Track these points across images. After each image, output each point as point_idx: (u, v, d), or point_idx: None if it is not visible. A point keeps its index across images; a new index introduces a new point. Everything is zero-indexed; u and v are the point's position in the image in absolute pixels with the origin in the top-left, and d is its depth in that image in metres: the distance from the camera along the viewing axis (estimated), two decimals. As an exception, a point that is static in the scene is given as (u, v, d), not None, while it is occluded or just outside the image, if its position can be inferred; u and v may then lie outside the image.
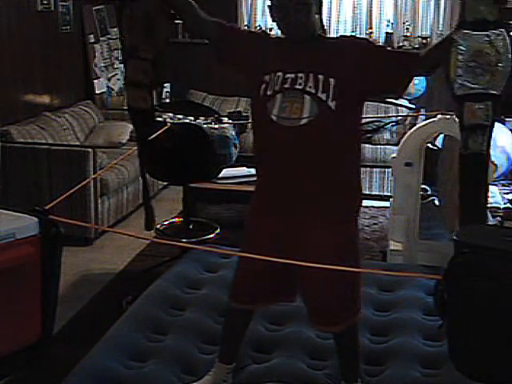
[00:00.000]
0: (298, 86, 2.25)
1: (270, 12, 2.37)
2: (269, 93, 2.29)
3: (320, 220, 2.33)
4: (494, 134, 2.24)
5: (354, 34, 6.52)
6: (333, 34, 6.79)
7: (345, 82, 2.24)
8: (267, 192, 2.41)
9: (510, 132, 5.72)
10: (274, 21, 2.36)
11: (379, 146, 6.48)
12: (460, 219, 2.20)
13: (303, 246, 2.31)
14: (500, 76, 2.05)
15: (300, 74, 2.26)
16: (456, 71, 2.08)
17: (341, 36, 2.64)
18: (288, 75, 2.27)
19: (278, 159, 2.32)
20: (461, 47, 2.06)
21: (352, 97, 2.29)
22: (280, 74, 2.28)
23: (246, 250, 2.44)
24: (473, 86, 2.06)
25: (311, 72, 2.25)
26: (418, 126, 4.16)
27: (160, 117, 4.32)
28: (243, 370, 2.63)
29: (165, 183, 5.76)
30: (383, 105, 6.69)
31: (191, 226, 4.34)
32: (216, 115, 4.31)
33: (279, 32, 2.40)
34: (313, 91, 2.23)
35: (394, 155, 4.04)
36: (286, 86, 2.26)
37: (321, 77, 2.24)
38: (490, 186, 4.20)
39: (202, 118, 4.23)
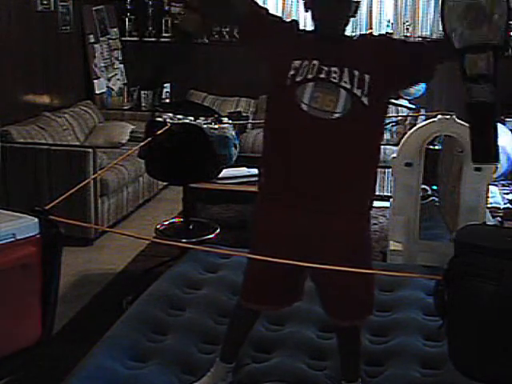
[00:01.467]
0: (333, 79, 2.22)
1: (304, 2, 2.35)
2: (298, 79, 2.24)
3: (340, 211, 2.30)
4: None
5: (354, 34, 6.52)
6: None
7: (378, 79, 2.24)
8: (283, 180, 2.31)
9: (510, 132, 5.72)
10: (307, 11, 2.33)
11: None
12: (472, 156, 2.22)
13: (323, 237, 2.30)
14: (497, 25, 2.03)
15: (334, 68, 2.23)
16: (452, 25, 2.07)
17: (360, 34, 2.64)
18: (323, 67, 2.23)
19: (302, 148, 2.25)
20: (454, 2, 2.05)
21: (384, 93, 2.31)
22: (316, 62, 2.24)
23: (258, 247, 2.40)
24: (471, 38, 2.05)
25: (346, 67, 2.23)
26: (418, 126, 4.16)
27: (160, 117, 4.32)
28: (243, 369, 2.63)
29: (165, 183, 5.76)
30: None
31: (191, 226, 4.34)
32: (216, 115, 4.30)
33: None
34: (348, 86, 2.21)
35: (394, 155, 4.04)
36: (322, 76, 2.22)
37: (356, 72, 2.22)
38: (490, 186, 4.21)
39: (202, 118, 4.23)
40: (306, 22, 6.90)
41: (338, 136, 2.23)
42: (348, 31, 2.43)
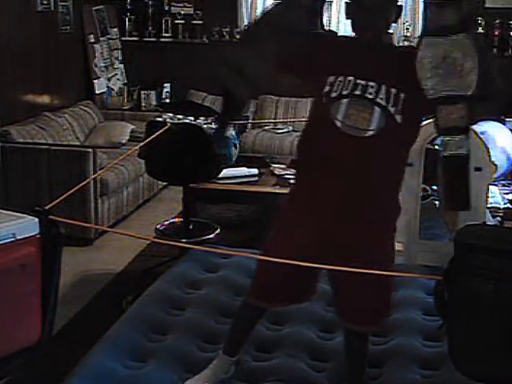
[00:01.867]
0: (368, 95, 2.20)
1: (346, 9, 2.32)
2: (333, 95, 2.23)
3: (366, 226, 2.31)
4: (493, 134, 2.26)
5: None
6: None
7: (414, 98, 2.20)
8: (313, 193, 2.33)
9: (510, 132, 5.72)
10: (348, 18, 2.30)
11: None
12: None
13: (344, 248, 2.30)
14: (470, 76, 2.08)
15: (371, 83, 2.21)
16: (426, 76, 2.11)
17: (406, 46, 2.57)
18: (359, 81, 2.21)
19: (334, 165, 2.26)
20: (428, 54, 2.10)
21: (417, 112, 2.29)
22: (351, 78, 2.22)
23: (275, 246, 2.41)
24: (443, 88, 2.10)
25: (384, 83, 2.20)
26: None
27: (160, 117, 4.33)
28: (243, 368, 2.63)
29: (165, 183, 5.76)
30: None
31: (191, 226, 4.34)
32: (216, 115, 4.30)
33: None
34: (383, 103, 2.19)
35: (394, 155, 4.03)
36: (357, 92, 2.21)
37: (393, 90, 2.20)
38: (490, 186, 4.20)
39: (202, 117, 4.23)
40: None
41: (368, 154, 2.22)
42: (348, 31, 2.42)
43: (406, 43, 6.72)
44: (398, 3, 2.32)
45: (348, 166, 2.24)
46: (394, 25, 2.36)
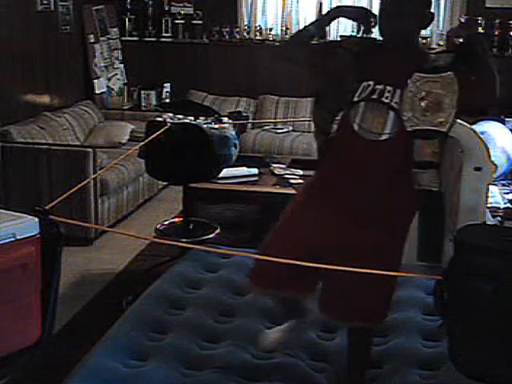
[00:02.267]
0: (384, 99, 2.26)
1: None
2: (355, 99, 2.30)
3: (376, 226, 2.35)
4: (493, 134, 2.29)
5: (353, 34, 6.49)
6: (333, 34, 6.79)
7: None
8: (324, 190, 2.41)
9: (510, 132, 5.72)
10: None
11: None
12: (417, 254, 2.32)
13: (352, 246, 2.34)
14: (447, 114, 2.19)
15: (388, 88, 2.26)
16: (406, 108, 2.23)
17: (440, 51, 2.60)
18: (377, 86, 2.27)
19: (349, 166, 2.34)
20: (412, 89, 2.22)
21: None
22: (371, 82, 2.28)
23: (283, 235, 2.45)
24: (422, 123, 2.21)
25: (399, 88, 2.26)
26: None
27: (160, 117, 4.33)
28: (244, 367, 2.64)
29: (165, 183, 5.76)
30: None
31: (191, 226, 4.34)
32: (216, 115, 4.30)
33: (279, 32, 2.41)
34: (397, 107, 2.25)
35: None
36: (374, 96, 2.27)
37: (409, 94, 2.25)
38: (490, 186, 4.20)
39: (202, 117, 4.23)
40: (306, 21, 6.91)
41: (381, 157, 2.29)
42: (348, 31, 2.44)
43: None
44: (430, 10, 2.35)
45: (362, 168, 2.30)
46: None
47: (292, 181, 4.56)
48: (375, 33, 2.36)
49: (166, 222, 4.60)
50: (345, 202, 2.35)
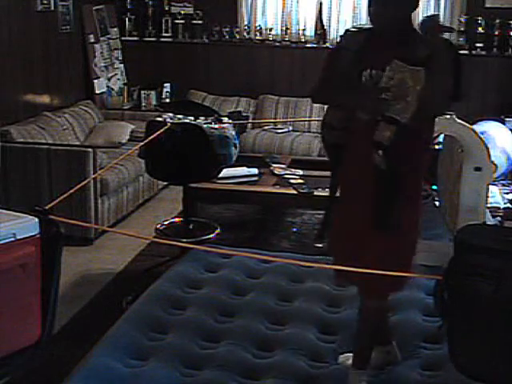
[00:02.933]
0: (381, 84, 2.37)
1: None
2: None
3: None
4: (493, 134, 2.28)
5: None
6: (333, 34, 6.80)
7: None
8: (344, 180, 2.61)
9: (510, 132, 5.72)
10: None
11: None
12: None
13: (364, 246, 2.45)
14: (409, 106, 2.29)
15: (381, 73, 2.38)
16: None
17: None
18: (373, 71, 2.40)
19: (354, 153, 2.50)
20: (389, 74, 2.33)
21: None
22: (369, 70, 2.42)
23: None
24: (386, 107, 2.32)
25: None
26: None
27: (160, 117, 4.32)
28: (244, 366, 2.64)
29: (165, 183, 5.76)
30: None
31: (191, 226, 4.34)
32: (216, 115, 4.30)
33: (279, 32, 2.47)
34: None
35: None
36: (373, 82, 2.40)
37: (385, 79, 2.36)
38: (490, 186, 4.20)
39: (202, 117, 4.23)
40: (306, 22, 6.93)
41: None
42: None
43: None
44: None
45: (361, 153, 2.47)
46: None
47: (292, 181, 4.56)
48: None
49: (165, 222, 4.60)
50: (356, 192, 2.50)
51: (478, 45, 6.59)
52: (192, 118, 4.21)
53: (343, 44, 2.57)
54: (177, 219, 4.86)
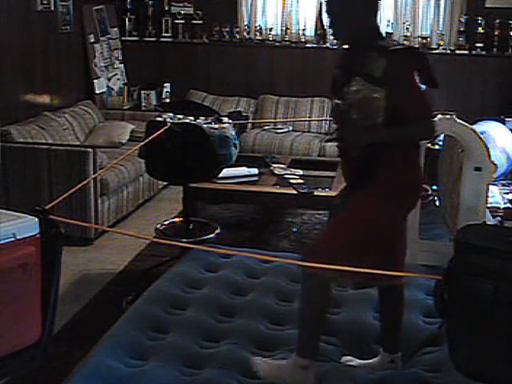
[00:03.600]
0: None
1: None
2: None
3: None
4: (493, 134, 2.27)
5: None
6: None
7: None
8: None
9: (510, 132, 5.72)
10: None
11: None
12: None
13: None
14: (356, 127, 2.45)
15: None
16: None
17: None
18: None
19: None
20: (352, 91, 2.42)
21: None
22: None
23: None
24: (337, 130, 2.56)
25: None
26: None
27: (160, 117, 4.32)
28: (245, 365, 2.64)
29: (165, 183, 5.76)
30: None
31: (191, 226, 4.34)
32: (216, 115, 4.30)
33: (279, 32, 2.51)
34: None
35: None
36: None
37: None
38: (490, 186, 4.21)
39: (202, 117, 4.23)
40: (306, 22, 6.93)
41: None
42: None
43: (406, 43, 6.72)
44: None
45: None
46: (394, 25, 2.50)
47: (292, 181, 4.56)
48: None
49: (165, 222, 4.60)
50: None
51: (477, 45, 6.60)
52: (192, 117, 4.20)
53: (335, 65, 2.66)
54: (177, 219, 4.86)
